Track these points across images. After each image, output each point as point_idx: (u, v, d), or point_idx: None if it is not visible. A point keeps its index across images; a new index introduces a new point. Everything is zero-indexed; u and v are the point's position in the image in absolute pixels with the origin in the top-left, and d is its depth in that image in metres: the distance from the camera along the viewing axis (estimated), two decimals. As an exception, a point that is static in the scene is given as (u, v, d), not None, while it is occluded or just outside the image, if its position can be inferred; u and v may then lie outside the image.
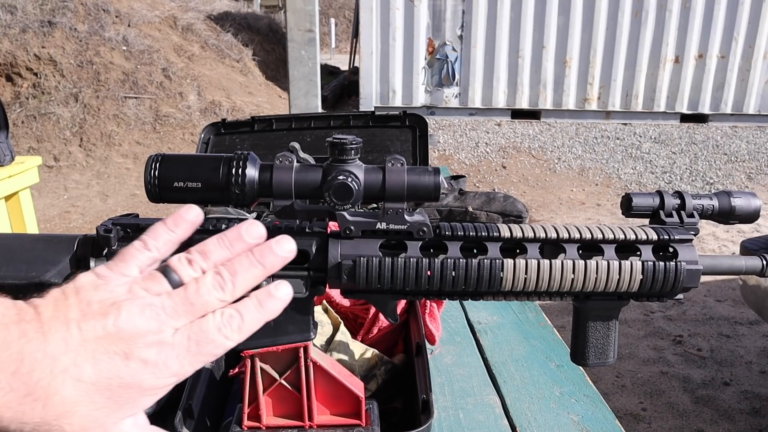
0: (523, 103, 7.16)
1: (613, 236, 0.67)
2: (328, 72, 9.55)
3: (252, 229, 0.49)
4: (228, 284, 0.45)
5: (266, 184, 0.62)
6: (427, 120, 1.86)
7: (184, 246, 0.49)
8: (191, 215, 0.50)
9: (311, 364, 0.73)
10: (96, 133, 6.02)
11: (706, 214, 0.71)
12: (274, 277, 0.67)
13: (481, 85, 7.09)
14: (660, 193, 0.70)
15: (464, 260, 0.65)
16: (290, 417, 0.76)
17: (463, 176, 2.01)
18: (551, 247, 0.67)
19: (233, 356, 1.01)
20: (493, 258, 0.65)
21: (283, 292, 0.48)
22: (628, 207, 0.71)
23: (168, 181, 0.61)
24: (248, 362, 0.73)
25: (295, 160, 0.63)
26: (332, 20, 16.30)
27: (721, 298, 3.70)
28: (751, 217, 0.71)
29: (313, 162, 1.44)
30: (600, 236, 0.67)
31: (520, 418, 1.00)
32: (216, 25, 7.96)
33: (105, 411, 0.41)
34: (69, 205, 5.16)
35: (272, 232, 0.67)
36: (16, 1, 6.72)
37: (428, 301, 1.13)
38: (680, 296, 0.69)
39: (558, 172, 6.07)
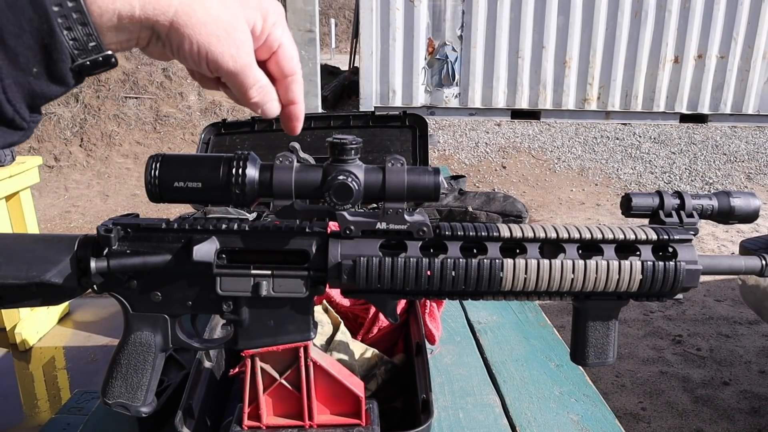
0: (523, 103, 7.16)
1: (612, 236, 0.67)
2: (328, 72, 9.54)
3: None
4: None
5: (266, 184, 0.62)
6: (427, 120, 1.86)
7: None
8: None
9: (311, 363, 0.73)
10: (96, 133, 6.03)
11: (705, 214, 0.71)
12: (275, 276, 0.67)
13: (481, 85, 7.09)
14: (659, 193, 0.70)
15: (464, 260, 0.65)
16: (290, 417, 0.76)
17: (463, 176, 2.02)
18: (551, 247, 0.67)
19: (233, 356, 1.01)
20: (493, 258, 0.65)
21: None
22: (627, 207, 0.71)
23: (168, 181, 0.62)
24: (248, 362, 0.73)
25: (295, 160, 0.63)
26: (332, 20, 16.29)
27: (721, 297, 3.70)
28: (750, 217, 0.71)
29: (313, 162, 1.45)
30: (600, 236, 0.67)
31: (520, 418, 1.00)
32: (216, 25, 7.94)
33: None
34: (69, 205, 5.16)
35: (272, 232, 0.67)
36: (16, 1, 6.70)
37: (428, 301, 1.13)
38: (680, 296, 0.70)
39: (558, 172, 6.07)
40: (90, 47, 0.47)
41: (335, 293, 1.09)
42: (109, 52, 0.49)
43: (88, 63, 0.48)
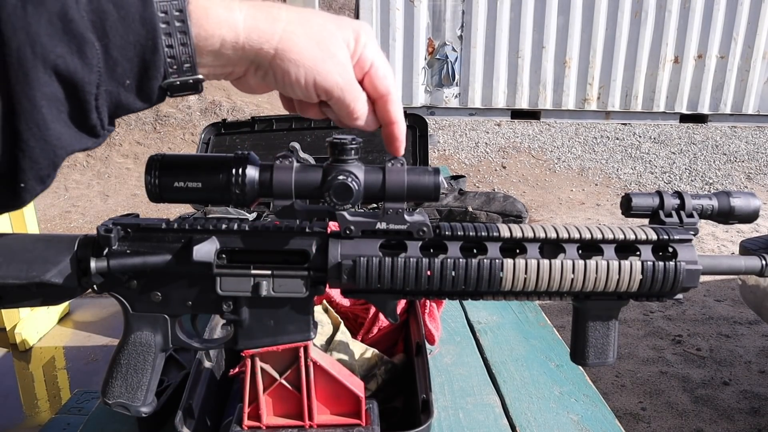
0: (523, 103, 7.16)
1: (612, 236, 0.67)
2: (328, 72, 9.53)
3: None
4: None
5: (266, 184, 0.62)
6: (427, 120, 1.86)
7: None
8: None
9: (311, 363, 0.73)
10: (96, 133, 6.01)
11: (705, 214, 0.71)
12: (275, 276, 0.67)
13: (481, 85, 7.09)
14: (659, 193, 0.70)
15: (464, 260, 0.65)
16: (290, 417, 0.76)
17: (463, 176, 2.02)
18: (551, 247, 0.67)
19: (233, 356, 1.01)
20: (493, 258, 0.65)
21: None
22: (627, 207, 0.71)
23: (168, 181, 0.61)
24: (248, 362, 0.73)
25: (295, 160, 0.63)
26: (332, 20, 16.27)
27: (721, 297, 3.70)
28: (750, 217, 0.71)
29: (313, 162, 1.45)
30: (600, 236, 0.67)
31: (520, 418, 1.00)
32: (216, 25, 7.93)
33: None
34: (69, 205, 5.16)
35: (272, 232, 0.67)
36: (16, 1, 6.70)
37: (428, 301, 1.13)
38: (680, 296, 0.70)
39: (558, 172, 6.07)
40: (185, 68, 0.48)
41: (335, 293, 1.09)
42: (200, 76, 0.50)
43: (177, 83, 0.48)
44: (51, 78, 0.43)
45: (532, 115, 7.22)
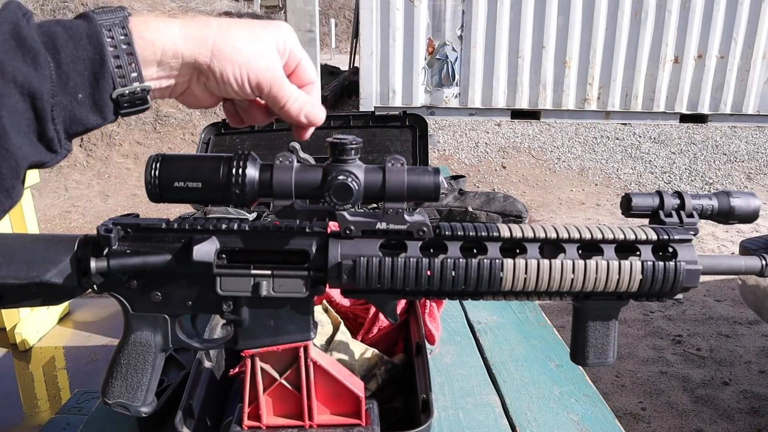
0: (523, 103, 7.16)
1: (612, 236, 0.67)
2: (328, 72, 9.52)
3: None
4: None
5: (266, 184, 0.62)
6: (427, 120, 1.86)
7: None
8: None
9: (311, 363, 0.73)
10: (96, 133, 6.02)
11: (705, 214, 0.71)
12: (275, 276, 0.67)
13: (480, 85, 7.09)
14: (659, 194, 0.70)
15: (464, 260, 0.65)
16: (290, 416, 0.76)
17: (463, 176, 2.02)
18: (551, 247, 0.67)
19: (233, 356, 1.01)
20: (493, 258, 0.65)
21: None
22: (627, 207, 0.71)
23: (168, 181, 0.61)
24: (248, 362, 0.73)
25: (295, 160, 0.63)
26: (332, 20, 16.29)
27: (721, 297, 3.70)
28: (750, 217, 0.71)
29: (313, 162, 1.45)
30: (600, 236, 0.67)
31: (520, 418, 1.00)
32: (216, 25, 7.93)
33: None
34: (69, 205, 5.16)
35: (272, 232, 0.67)
36: (16, 1, 6.70)
37: (428, 301, 1.13)
38: (680, 296, 0.70)
39: (558, 172, 6.07)
40: (132, 77, 0.52)
41: (335, 293, 1.09)
42: (147, 84, 0.53)
43: (126, 93, 0.52)
44: (11, 90, 0.47)
45: (532, 115, 7.22)
